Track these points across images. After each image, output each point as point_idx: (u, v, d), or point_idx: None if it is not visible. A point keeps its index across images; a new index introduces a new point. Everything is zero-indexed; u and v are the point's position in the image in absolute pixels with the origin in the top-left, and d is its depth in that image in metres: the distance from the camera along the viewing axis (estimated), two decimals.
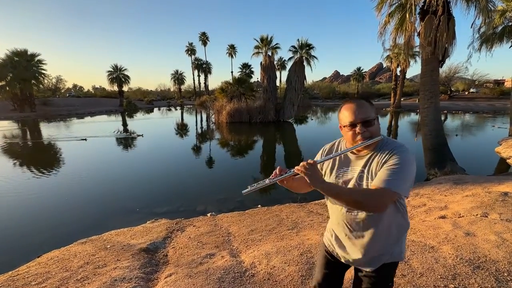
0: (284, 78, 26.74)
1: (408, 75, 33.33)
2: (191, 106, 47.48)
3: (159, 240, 3.49)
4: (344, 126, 1.13)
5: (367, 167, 1.09)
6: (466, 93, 44.08)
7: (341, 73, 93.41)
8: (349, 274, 1.67)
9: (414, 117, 24.78)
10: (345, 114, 1.12)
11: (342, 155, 1.18)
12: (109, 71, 40.27)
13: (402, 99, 33.07)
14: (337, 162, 1.20)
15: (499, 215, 2.96)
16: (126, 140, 14.29)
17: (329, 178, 1.20)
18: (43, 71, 31.98)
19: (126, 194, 6.68)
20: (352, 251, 1.17)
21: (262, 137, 16.22)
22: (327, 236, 1.33)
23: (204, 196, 6.47)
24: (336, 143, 1.27)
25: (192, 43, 52.71)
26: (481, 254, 2.18)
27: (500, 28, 11.88)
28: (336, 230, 1.24)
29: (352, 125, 1.09)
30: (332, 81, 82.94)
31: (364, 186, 1.08)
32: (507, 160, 8.85)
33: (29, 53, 30.40)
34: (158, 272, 2.55)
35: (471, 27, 6.79)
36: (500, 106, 29.49)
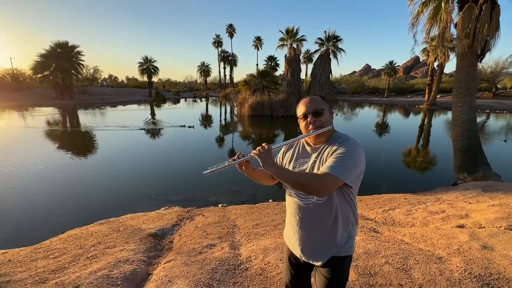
0: (310, 72, 26.04)
1: (447, 70, 30.67)
2: (216, 98, 48.29)
3: (168, 227, 3.66)
4: (298, 118, 1.27)
5: (319, 157, 1.18)
6: None
7: (372, 67, 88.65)
8: None
9: (451, 115, 22.89)
10: (300, 107, 1.25)
11: (300, 148, 1.30)
12: (139, 63, 42.21)
13: (438, 96, 30.62)
14: (295, 154, 1.30)
15: None
16: (177, 132, 14.80)
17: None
18: (81, 62, 34.38)
19: (149, 181, 7.05)
20: (303, 242, 1.24)
21: (283, 131, 16.07)
22: (285, 233, 1.41)
23: (218, 187, 6.62)
24: (296, 141, 1.34)
25: (219, 35, 53.25)
26: (494, 270, 1.99)
27: None
28: (290, 223, 1.30)
29: (305, 116, 1.22)
30: (362, 75, 79.16)
31: None
32: None
33: (69, 44, 32.77)
34: (160, 257, 2.68)
35: None
36: None
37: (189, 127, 15.78)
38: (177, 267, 2.27)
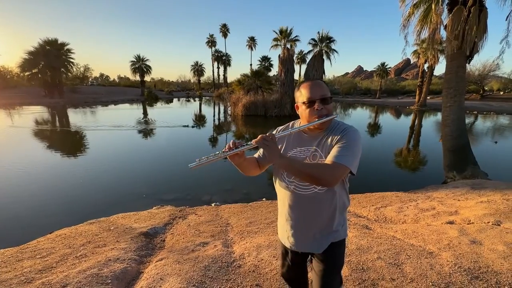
0: (303, 73, 26.24)
1: (437, 72, 31.30)
2: (209, 97, 48.03)
3: (160, 226, 3.60)
4: (302, 103, 1.16)
5: (320, 146, 1.14)
6: (501, 93, 40.78)
7: (364, 69, 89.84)
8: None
9: (440, 116, 23.39)
10: (303, 92, 1.16)
11: (294, 136, 1.23)
12: (132, 61, 41.67)
13: (428, 97, 31.25)
14: (290, 142, 1.24)
15: None
16: (170, 131, 14.57)
17: None
18: (71, 60, 33.69)
19: (142, 181, 6.94)
20: (302, 233, 1.21)
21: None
22: (279, 229, 1.36)
23: (212, 186, 6.58)
24: (290, 125, 1.29)
25: (213, 34, 53.06)
26: (483, 264, 2.03)
27: None
28: (286, 215, 1.25)
29: (311, 102, 1.13)
30: (354, 76, 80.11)
31: None
32: None
33: (59, 42, 32.05)
34: (152, 256, 2.63)
35: (506, 20, 6.18)
36: None
37: (193, 127, 15.74)
38: (169, 265, 2.23)
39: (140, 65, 41.99)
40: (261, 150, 1.31)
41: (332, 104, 1.18)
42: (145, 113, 24.10)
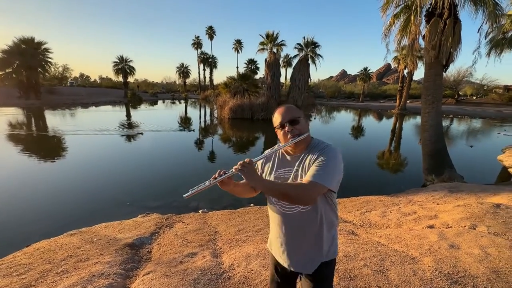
0: (289, 76, 26.63)
1: (416, 77, 32.86)
2: (195, 100, 47.51)
3: (146, 236, 3.51)
4: (276, 127, 1.26)
5: (301, 166, 1.19)
6: (474, 97, 43.31)
7: (348, 73, 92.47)
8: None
9: (419, 120, 24.46)
10: (276, 117, 1.26)
11: (280, 157, 1.28)
12: (114, 62, 40.43)
13: (408, 101, 32.62)
14: (276, 164, 1.28)
15: (487, 228, 2.91)
16: (155, 136, 14.16)
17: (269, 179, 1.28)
18: (49, 60, 32.21)
19: (125, 187, 6.73)
20: (291, 252, 1.23)
21: (263, 134, 16.17)
22: (270, 243, 1.38)
23: (198, 192, 6.49)
24: (275, 147, 1.33)
25: (198, 36, 52.56)
26: (461, 268, 2.15)
27: (510, 33, 11.58)
28: (276, 233, 1.29)
29: (282, 126, 1.22)
30: (338, 80, 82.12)
31: None
32: (509, 169, 8.70)
33: (36, 41, 30.58)
34: (139, 269, 2.56)
35: (478, 32, 6.60)
36: (508, 112, 28.95)
37: (189, 130, 15.64)
38: (157, 279, 2.19)
39: (123, 66, 40.82)
40: None
41: (304, 123, 1.22)
42: (128, 115, 23.43)
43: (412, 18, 6.54)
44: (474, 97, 43.45)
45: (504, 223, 3.01)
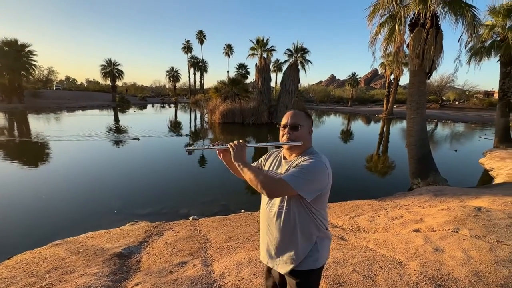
0: (280, 80, 26.97)
1: (402, 82, 33.89)
2: (185, 104, 47.16)
3: (134, 245, 3.45)
4: (278, 125, 1.37)
5: (288, 170, 1.26)
6: (457, 102, 45.02)
7: (337, 78, 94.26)
8: None
9: (405, 124, 25.14)
10: (283, 118, 1.34)
11: (279, 160, 1.39)
12: (102, 65, 39.72)
13: (394, 106, 33.54)
14: (274, 164, 1.39)
15: (469, 231, 3.03)
16: (142, 140, 13.83)
17: None
18: (33, 62, 31.29)
19: (112, 194, 6.58)
20: (269, 249, 1.32)
21: (254, 138, 16.21)
22: (260, 243, 1.46)
23: (189, 198, 6.43)
24: (278, 151, 1.46)
25: (189, 40, 52.41)
26: (445, 272, 2.23)
27: (489, 42, 12.19)
28: (261, 231, 1.40)
29: (284, 127, 1.32)
30: (328, 85, 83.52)
31: None
32: (490, 172, 9.07)
33: (19, 43, 29.68)
34: (127, 280, 2.51)
35: (458, 42, 6.92)
36: (488, 117, 30.20)
37: (186, 135, 15.69)
38: None
39: (112, 70, 40.13)
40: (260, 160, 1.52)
41: (303, 132, 1.29)
42: (116, 120, 22.99)
43: (396, 27, 6.79)
44: (457, 102, 45.16)
45: (484, 226, 3.14)
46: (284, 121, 1.32)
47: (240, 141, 1.30)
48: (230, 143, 1.30)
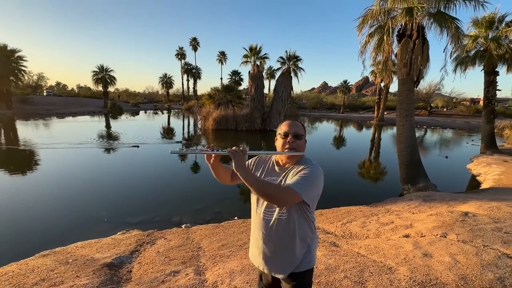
0: (273, 87, 27.25)
1: (392, 89, 34.68)
2: (178, 110, 46.99)
3: (125, 254, 3.40)
4: (279, 134, 1.36)
5: (285, 177, 1.29)
6: (445, 109, 46.32)
7: (329, 84, 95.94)
8: None
9: (396, 130, 25.64)
10: (282, 126, 1.36)
11: (270, 166, 1.40)
12: (94, 71, 39.33)
13: (385, 113, 34.25)
14: (266, 170, 1.40)
15: (456, 235, 3.11)
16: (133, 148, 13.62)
17: None
18: (23, 68, 30.79)
19: (102, 202, 6.46)
20: (266, 256, 1.31)
21: (247, 145, 16.24)
22: (250, 249, 1.45)
23: (181, 206, 6.37)
24: (271, 152, 1.44)
25: (182, 47, 52.60)
26: (433, 276, 2.28)
27: (473, 52, 12.69)
28: (255, 238, 1.38)
29: (286, 135, 1.32)
30: (320, 91, 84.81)
31: None
32: (477, 177, 9.32)
33: (9, 48, 29.22)
34: None
35: (444, 52, 7.20)
36: (475, 123, 31.14)
37: (178, 142, 15.65)
38: None
39: (104, 76, 39.78)
40: None
41: (303, 143, 1.34)
42: (108, 126, 22.69)
43: (385, 38, 7.03)
44: (445, 109, 46.47)
45: (471, 230, 3.23)
46: (284, 129, 1.33)
47: (240, 147, 1.27)
48: (229, 149, 1.24)
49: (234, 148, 1.23)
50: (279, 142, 1.35)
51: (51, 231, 5.01)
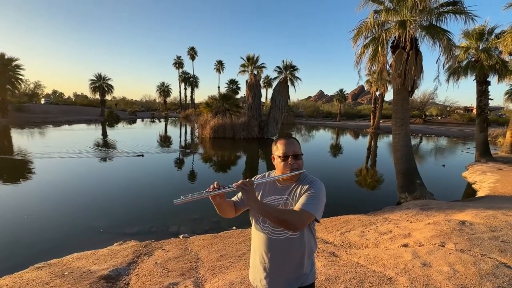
0: (270, 96, 27.58)
1: (388, 98, 35.29)
2: (175, 118, 47.03)
3: (123, 266, 3.35)
4: (278, 157, 1.34)
5: (291, 195, 1.30)
6: (439, 118, 47.03)
7: (325, 93, 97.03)
8: None
9: (392, 138, 25.91)
10: (279, 147, 1.34)
11: (268, 185, 1.39)
12: (91, 80, 39.43)
13: (381, 121, 34.67)
14: (266, 191, 1.39)
15: (454, 245, 3.13)
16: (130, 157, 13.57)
17: None
18: (20, 76, 30.77)
19: (98, 212, 6.37)
20: (274, 277, 1.29)
21: (245, 153, 16.26)
22: (251, 271, 1.42)
23: (179, 215, 6.30)
24: (267, 174, 1.44)
25: (180, 56, 53.17)
26: (433, 286, 2.29)
27: (464, 62, 13.04)
28: (259, 259, 1.33)
29: (286, 157, 1.31)
30: (316, 100, 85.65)
31: None
32: (473, 185, 9.41)
33: (6, 57, 29.25)
34: None
35: (436, 63, 7.40)
36: (469, 131, 31.59)
37: (187, 151, 15.63)
38: None
39: (101, 84, 39.85)
40: (239, 194, 1.43)
41: (302, 160, 1.35)
42: (104, 134, 22.59)
43: (379, 49, 7.21)
44: (439, 117, 47.19)
45: (469, 239, 3.25)
46: (282, 150, 1.31)
47: (247, 180, 1.23)
48: (235, 184, 1.20)
49: (240, 182, 1.20)
50: (279, 163, 1.33)
51: (46, 243, 4.91)
